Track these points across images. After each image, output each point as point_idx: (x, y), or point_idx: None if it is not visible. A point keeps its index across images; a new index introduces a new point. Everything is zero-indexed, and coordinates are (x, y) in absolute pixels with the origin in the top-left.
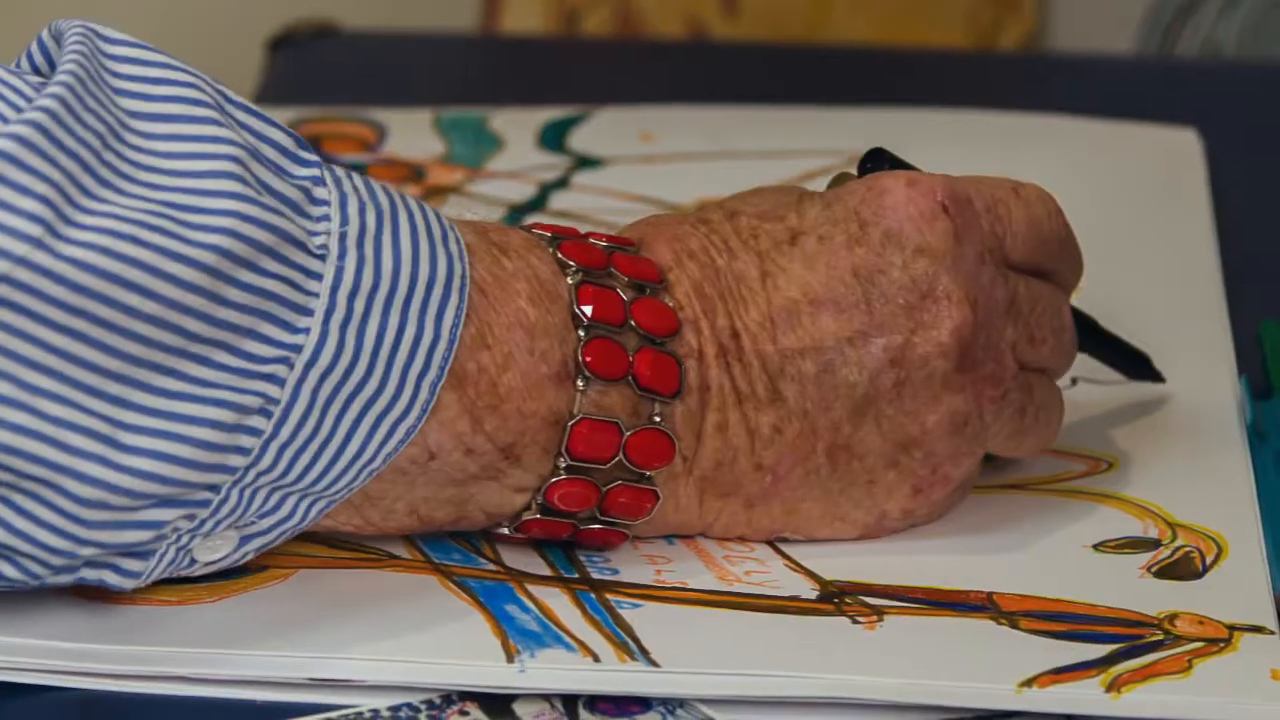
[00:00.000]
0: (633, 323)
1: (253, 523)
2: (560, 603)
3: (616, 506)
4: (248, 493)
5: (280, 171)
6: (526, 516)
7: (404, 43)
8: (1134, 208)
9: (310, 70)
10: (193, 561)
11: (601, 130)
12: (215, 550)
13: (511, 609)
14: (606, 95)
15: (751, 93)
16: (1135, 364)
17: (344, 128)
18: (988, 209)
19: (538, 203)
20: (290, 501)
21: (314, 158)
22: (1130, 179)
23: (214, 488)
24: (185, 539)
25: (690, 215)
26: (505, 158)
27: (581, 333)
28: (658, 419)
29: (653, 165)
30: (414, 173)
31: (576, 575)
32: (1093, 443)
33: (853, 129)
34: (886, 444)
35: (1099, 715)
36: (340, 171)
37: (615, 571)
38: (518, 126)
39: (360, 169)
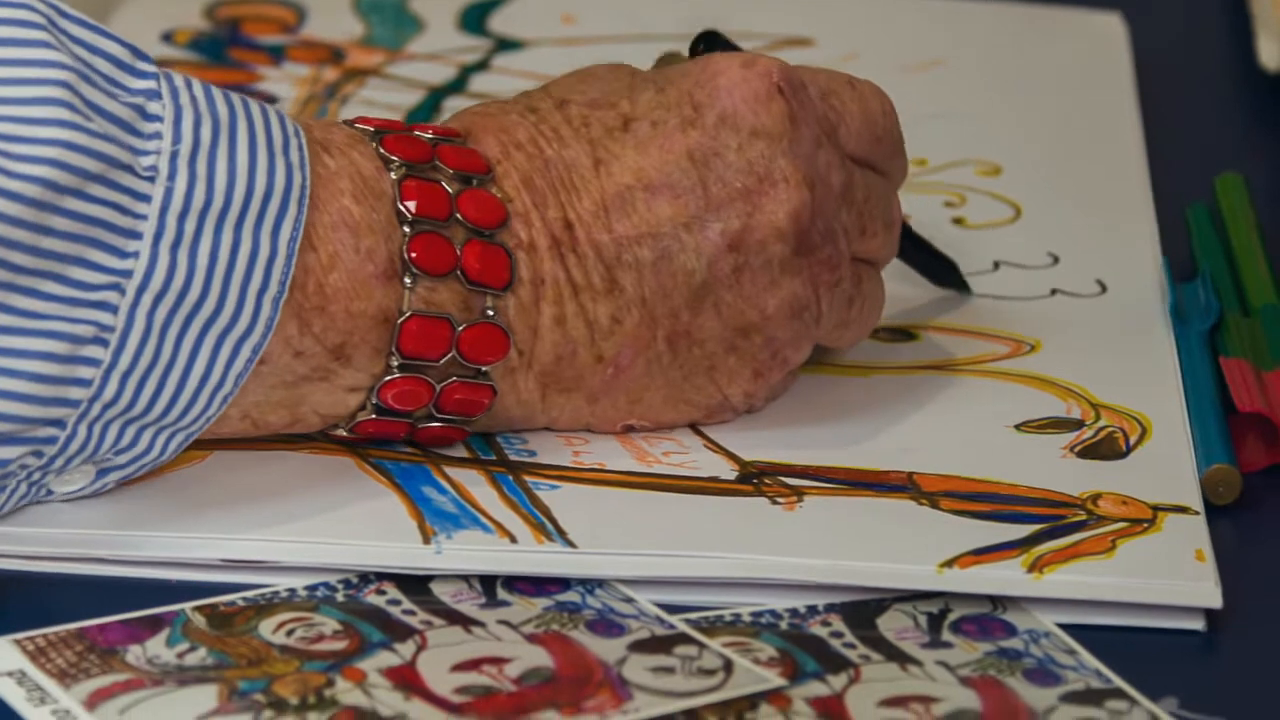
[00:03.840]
0: (458, 215)
1: (109, 458)
2: (477, 484)
3: (452, 403)
4: (98, 428)
5: (115, 86)
6: (361, 417)
7: None
8: (1059, 92)
9: None
10: (49, 493)
11: (523, 12)
12: (71, 482)
13: (428, 490)
14: None
15: None
16: (942, 271)
17: (263, 9)
18: (822, 96)
19: (458, 85)
20: (146, 436)
21: (151, 69)
22: (1055, 63)
23: (58, 423)
24: (37, 475)
25: (518, 104)
26: (426, 40)
27: (406, 229)
28: (490, 313)
29: (573, 47)
30: (333, 54)
31: (494, 457)
32: (1016, 325)
33: (773, 11)
34: (726, 330)
35: (1021, 596)
36: (180, 82)
37: (533, 453)
38: (438, 8)
39: (279, 51)
